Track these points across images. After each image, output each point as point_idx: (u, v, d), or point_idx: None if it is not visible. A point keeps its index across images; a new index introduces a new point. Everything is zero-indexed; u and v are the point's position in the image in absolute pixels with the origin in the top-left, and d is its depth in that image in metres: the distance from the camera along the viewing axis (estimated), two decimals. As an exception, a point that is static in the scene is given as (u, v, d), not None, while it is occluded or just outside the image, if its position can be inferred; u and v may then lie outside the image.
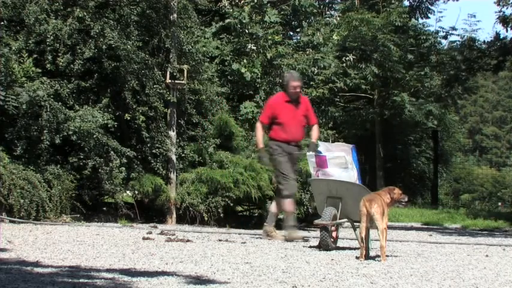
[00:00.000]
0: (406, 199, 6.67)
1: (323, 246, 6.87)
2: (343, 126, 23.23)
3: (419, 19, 24.82)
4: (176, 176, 10.25)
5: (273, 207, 8.29)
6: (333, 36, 16.07)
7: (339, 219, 7.07)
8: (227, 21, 12.57)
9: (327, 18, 19.79)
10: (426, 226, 13.96)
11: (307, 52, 14.10)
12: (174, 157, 10.23)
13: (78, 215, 9.18)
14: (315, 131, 8.17)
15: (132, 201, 10.27)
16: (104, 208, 10.33)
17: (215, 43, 12.34)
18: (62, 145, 9.32)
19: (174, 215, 10.13)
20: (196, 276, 4.60)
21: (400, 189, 6.48)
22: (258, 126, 8.25)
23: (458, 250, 7.66)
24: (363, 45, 20.32)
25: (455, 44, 22.88)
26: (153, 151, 9.97)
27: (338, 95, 19.58)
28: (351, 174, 7.24)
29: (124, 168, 9.41)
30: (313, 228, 10.09)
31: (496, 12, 18.97)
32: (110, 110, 9.57)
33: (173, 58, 10.28)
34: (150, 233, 7.95)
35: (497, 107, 68.67)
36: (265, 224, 8.24)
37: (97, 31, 9.38)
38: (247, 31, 12.49)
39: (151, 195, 9.88)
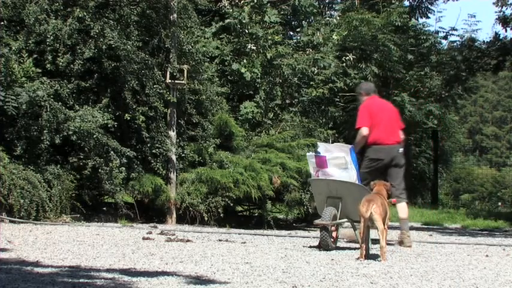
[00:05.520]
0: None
1: (323, 246, 6.88)
2: (343, 127, 23.19)
3: (419, 19, 24.81)
4: (176, 176, 10.25)
5: None
6: (333, 36, 16.04)
7: (339, 219, 7.08)
8: (227, 21, 12.57)
9: (327, 18, 19.77)
10: (426, 226, 13.94)
11: (307, 52, 14.09)
12: (174, 157, 10.23)
13: (78, 215, 9.19)
14: None
15: (132, 201, 10.27)
16: (104, 208, 10.33)
17: (215, 43, 12.33)
18: (62, 145, 9.32)
19: (174, 215, 10.13)
20: (196, 276, 4.60)
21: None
22: None
23: (458, 250, 7.66)
24: (363, 45, 20.26)
25: (455, 44, 22.87)
26: (153, 151, 9.97)
27: (338, 95, 19.53)
28: (351, 174, 7.25)
29: (124, 168, 9.41)
30: (313, 228, 10.09)
31: (495, 12, 18.99)
32: (110, 110, 9.57)
33: (173, 58, 10.28)
34: (150, 233, 7.96)
35: (497, 107, 68.64)
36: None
37: (97, 31, 9.38)
38: (247, 31, 12.48)
39: (151, 195, 9.87)
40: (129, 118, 9.70)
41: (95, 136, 9.04)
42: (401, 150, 7.92)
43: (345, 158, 7.27)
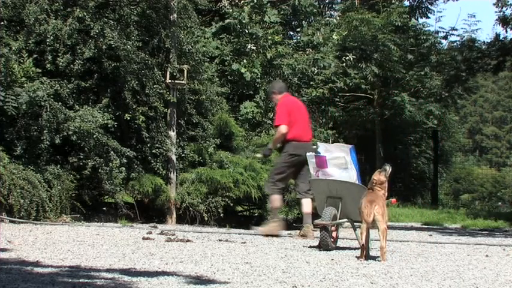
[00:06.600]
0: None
1: (323, 246, 6.88)
2: (343, 127, 23.22)
3: (419, 19, 24.83)
4: (176, 176, 10.25)
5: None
6: (333, 36, 16.06)
7: (339, 219, 7.07)
8: (227, 21, 12.58)
9: (327, 18, 19.82)
10: (426, 226, 13.95)
11: (307, 52, 14.11)
12: (174, 157, 10.23)
13: (78, 215, 9.18)
14: None
15: (132, 201, 10.27)
16: (104, 208, 10.32)
17: (215, 43, 12.35)
18: (62, 145, 9.32)
19: (174, 215, 10.14)
20: (196, 276, 4.60)
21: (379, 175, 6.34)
22: None
23: (458, 250, 7.65)
24: (363, 45, 20.29)
25: (455, 44, 22.88)
26: (153, 151, 9.97)
27: (338, 95, 19.55)
28: (351, 174, 7.25)
29: (124, 168, 9.41)
30: (313, 228, 10.08)
31: (496, 12, 18.99)
32: (110, 110, 9.57)
33: (173, 58, 10.28)
34: (150, 233, 7.95)
35: (497, 107, 68.68)
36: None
37: (97, 31, 9.38)
38: (247, 31, 12.49)
39: (151, 195, 9.88)
40: (129, 118, 9.70)
41: (95, 136, 9.04)
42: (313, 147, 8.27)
43: (345, 158, 7.27)
